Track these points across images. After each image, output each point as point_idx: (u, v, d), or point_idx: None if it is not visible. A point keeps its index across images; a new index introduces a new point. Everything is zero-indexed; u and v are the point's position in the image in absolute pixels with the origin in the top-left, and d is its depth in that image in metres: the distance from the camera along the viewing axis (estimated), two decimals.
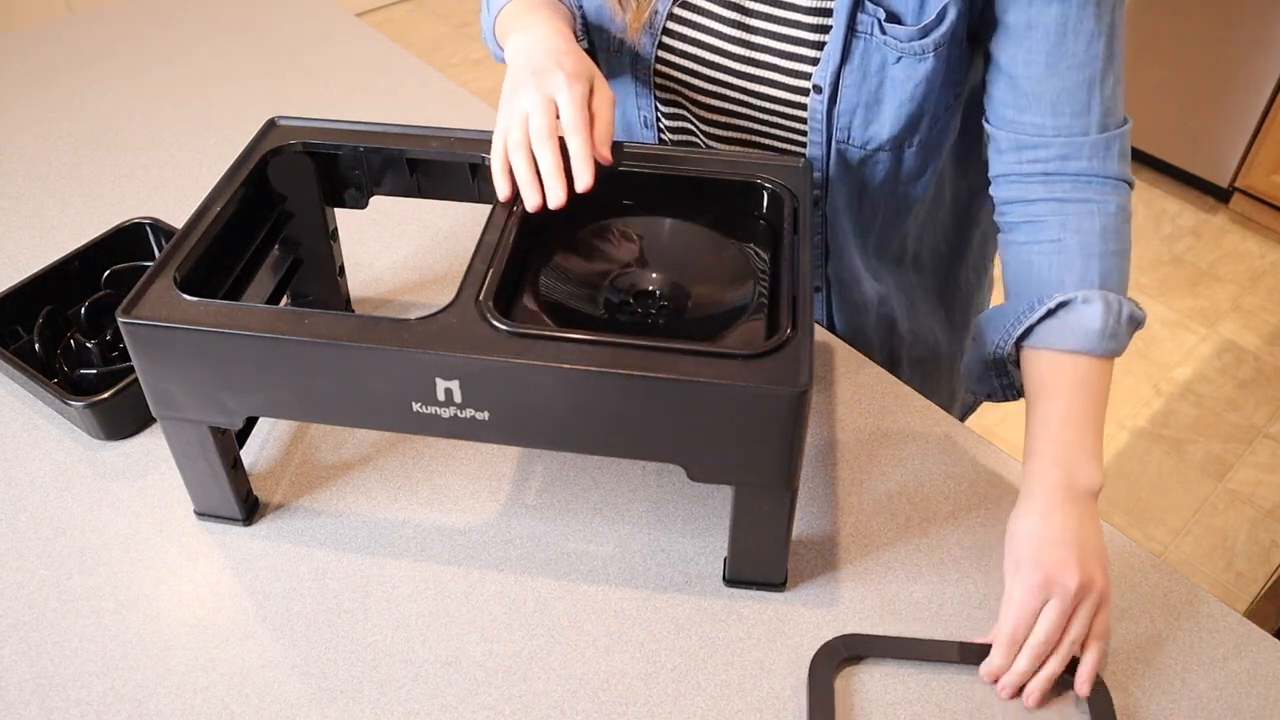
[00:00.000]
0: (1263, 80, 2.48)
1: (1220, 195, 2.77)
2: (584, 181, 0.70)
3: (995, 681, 0.70)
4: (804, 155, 0.91)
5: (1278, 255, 2.63)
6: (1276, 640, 0.73)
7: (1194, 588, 0.76)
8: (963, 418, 1.23)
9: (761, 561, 0.74)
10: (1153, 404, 2.23)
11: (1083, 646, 0.70)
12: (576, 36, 0.86)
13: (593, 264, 0.77)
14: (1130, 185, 0.81)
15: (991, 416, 2.19)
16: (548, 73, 0.74)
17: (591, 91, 0.75)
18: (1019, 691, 0.69)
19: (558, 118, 0.73)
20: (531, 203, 0.72)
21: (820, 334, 0.96)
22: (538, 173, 0.72)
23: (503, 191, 0.75)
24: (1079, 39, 0.77)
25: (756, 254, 0.77)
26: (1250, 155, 2.59)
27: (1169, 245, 2.65)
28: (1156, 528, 1.98)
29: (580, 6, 0.92)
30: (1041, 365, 0.77)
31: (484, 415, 0.66)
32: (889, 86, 0.82)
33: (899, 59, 0.80)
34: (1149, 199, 2.79)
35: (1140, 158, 2.88)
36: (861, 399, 0.90)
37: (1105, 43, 0.78)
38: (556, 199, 0.71)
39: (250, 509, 0.80)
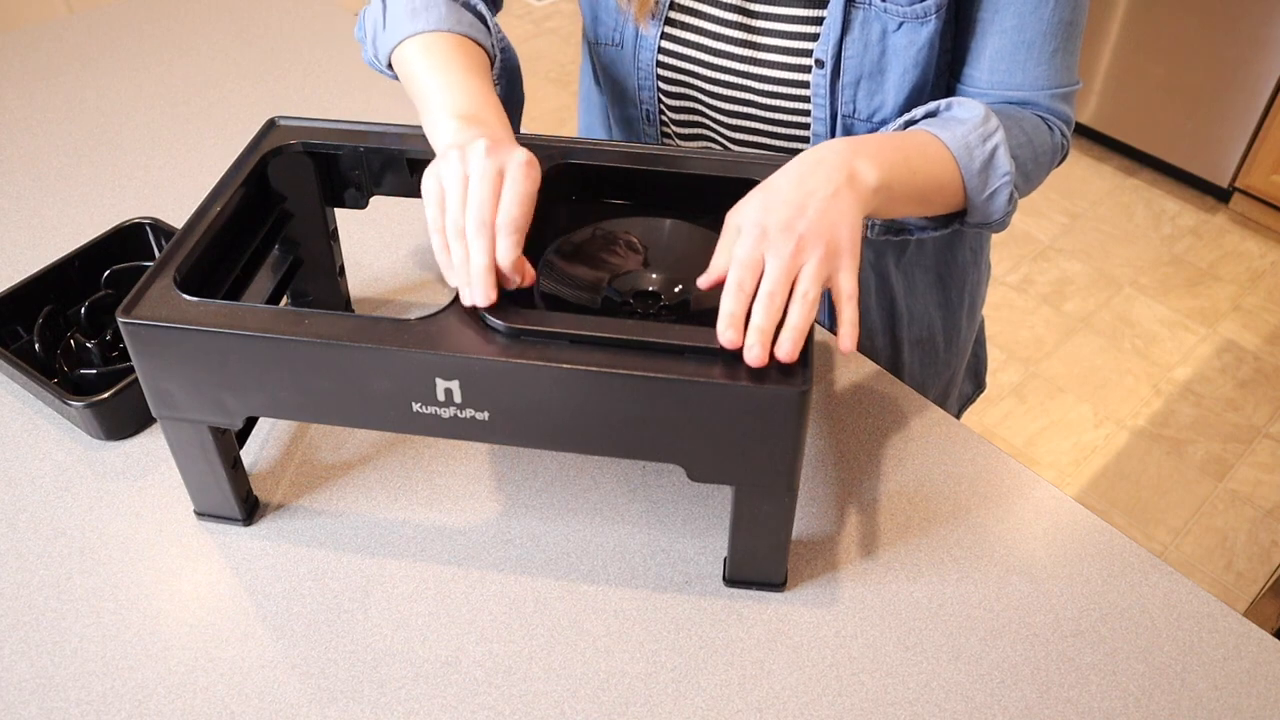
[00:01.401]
0: (1263, 80, 2.48)
1: (1220, 195, 2.77)
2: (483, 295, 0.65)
3: (740, 342, 0.63)
4: (807, 147, 0.91)
5: (1278, 255, 2.63)
6: (1276, 640, 0.73)
7: (1194, 588, 0.76)
8: (961, 408, 1.23)
9: (761, 561, 0.74)
10: (1153, 404, 2.23)
11: (834, 308, 0.68)
12: (495, 81, 0.82)
13: (593, 264, 0.77)
14: (1067, 123, 0.86)
15: (991, 416, 2.20)
16: (494, 155, 0.67)
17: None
18: (769, 350, 0.63)
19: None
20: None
21: (820, 334, 0.96)
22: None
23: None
24: (1026, 2, 0.80)
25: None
26: (1250, 155, 2.59)
27: (1169, 245, 2.65)
28: (1156, 528, 1.98)
29: (503, 48, 0.86)
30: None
31: (484, 415, 0.66)
32: (891, 55, 0.83)
33: (900, 25, 0.81)
34: (1149, 199, 2.79)
35: (1140, 158, 2.89)
36: (861, 399, 0.90)
37: (1053, 7, 0.81)
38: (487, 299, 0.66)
39: (250, 509, 0.80)
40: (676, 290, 0.75)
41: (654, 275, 0.76)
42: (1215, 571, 1.91)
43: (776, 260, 0.65)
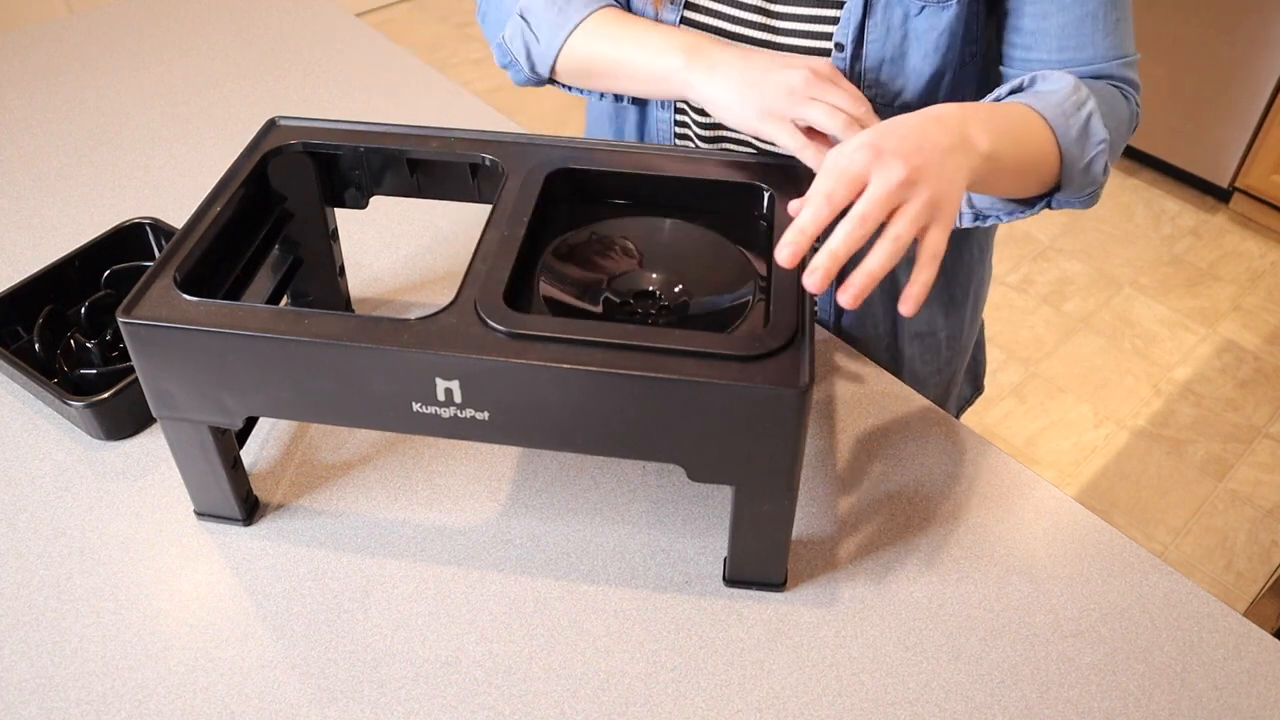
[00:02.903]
0: (1263, 80, 2.48)
1: (1220, 195, 2.77)
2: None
3: (794, 264, 0.62)
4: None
5: (1278, 255, 2.63)
6: (1276, 640, 0.73)
7: (1194, 588, 0.76)
8: (959, 410, 1.23)
9: (761, 561, 0.74)
10: (1153, 404, 2.23)
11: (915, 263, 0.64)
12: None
13: (593, 264, 0.77)
14: (1137, 89, 0.86)
15: (992, 416, 2.20)
16: (820, 83, 0.75)
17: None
18: (830, 280, 0.60)
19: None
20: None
21: (820, 334, 0.96)
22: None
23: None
24: None
25: (758, 254, 0.77)
26: (1250, 155, 2.59)
27: (1169, 245, 2.65)
28: (1156, 528, 1.98)
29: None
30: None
31: (484, 415, 0.66)
32: (912, 39, 0.83)
33: (922, 9, 0.81)
34: (1149, 199, 2.79)
35: (1140, 158, 2.89)
36: (861, 399, 0.90)
37: None
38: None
39: (250, 509, 0.80)
40: (676, 290, 0.75)
41: (654, 275, 0.76)
42: (1215, 571, 1.91)
43: (883, 180, 0.61)
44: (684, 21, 0.91)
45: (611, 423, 0.66)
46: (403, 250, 1.06)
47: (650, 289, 0.75)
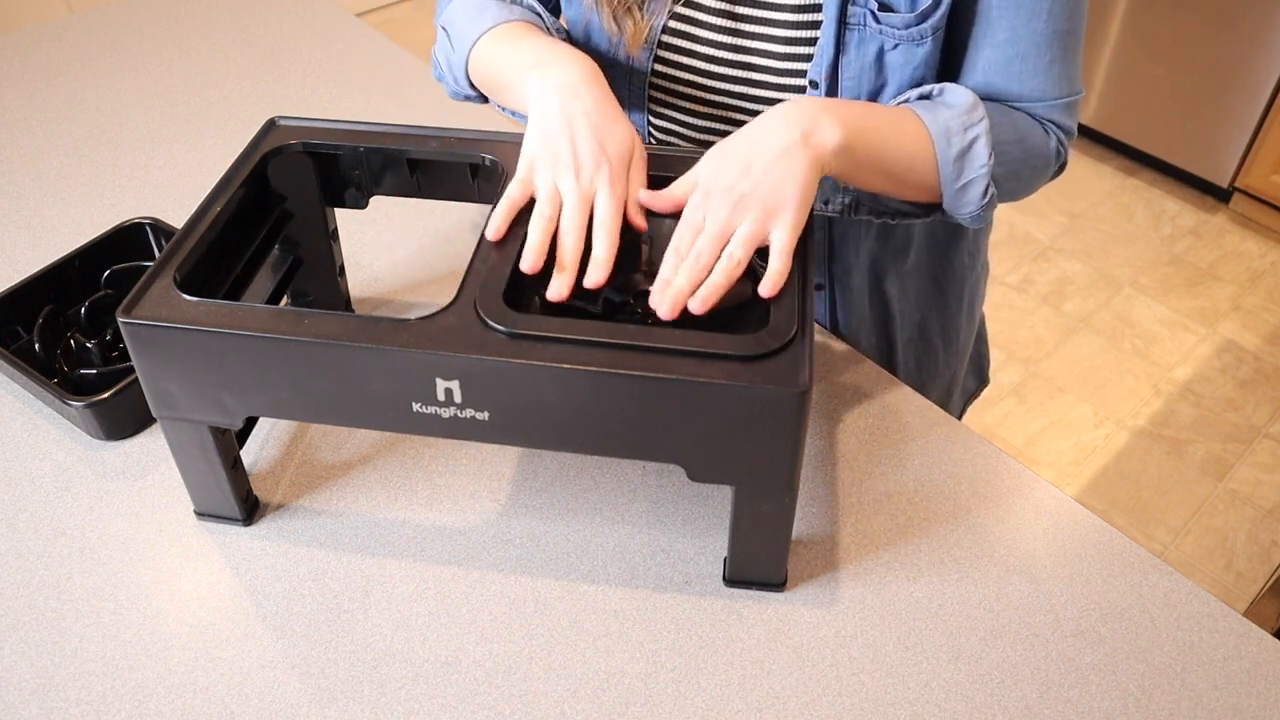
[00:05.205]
0: (1263, 80, 2.47)
1: (1220, 195, 2.77)
2: (596, 279, 0.69)
3: (665, 310, 0.68)
4: None
5: (1278, 255, 2.63)
6: (1276, 640, 0.73)
7: (1194, 588, 0.76)
8: (965, 403, 1.23)
9: (761, 561, 0.74)
10: (1153, 404, 2.23)
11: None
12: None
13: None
14: (1067, 133, 0.85)
15: (992, 416, 2.20)
16: (594, 162, 0.72)
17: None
18: (678, 309, 0.68)
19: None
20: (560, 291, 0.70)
21: (820, 334, 0.96)
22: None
23: (499, 232, 0.71)
24: (1018, 13, 0.79)
25: (758, 255, 0.77)
26: (1250, 155, 2.59)
27: (1169, 245, 2.65)
28: (1156, 528, 1.98)
29: (558, 30, 0.89)
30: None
31: (484, 415, 0.66)
32: (889, 73, 0.83)
33: (896, 45, 0.81)
34: (1149, 199, 2.79)
35: (1140, 158, 2.89)
36: (861, 399, 0.90)
37: (1047, 19, 0.79)
38: (561, 292, 0.70)
39: (250, 509, 0.80)
40: None
41: (655, 276, 0.76)
42: (1215, 571, 1.91)
43: (712, 222, 0.69)
44: (657, 60, 0.90)
45: (611, 423, 0.66)
46: (403, 250, 1.06)
47: (651, 289, 0.75)
